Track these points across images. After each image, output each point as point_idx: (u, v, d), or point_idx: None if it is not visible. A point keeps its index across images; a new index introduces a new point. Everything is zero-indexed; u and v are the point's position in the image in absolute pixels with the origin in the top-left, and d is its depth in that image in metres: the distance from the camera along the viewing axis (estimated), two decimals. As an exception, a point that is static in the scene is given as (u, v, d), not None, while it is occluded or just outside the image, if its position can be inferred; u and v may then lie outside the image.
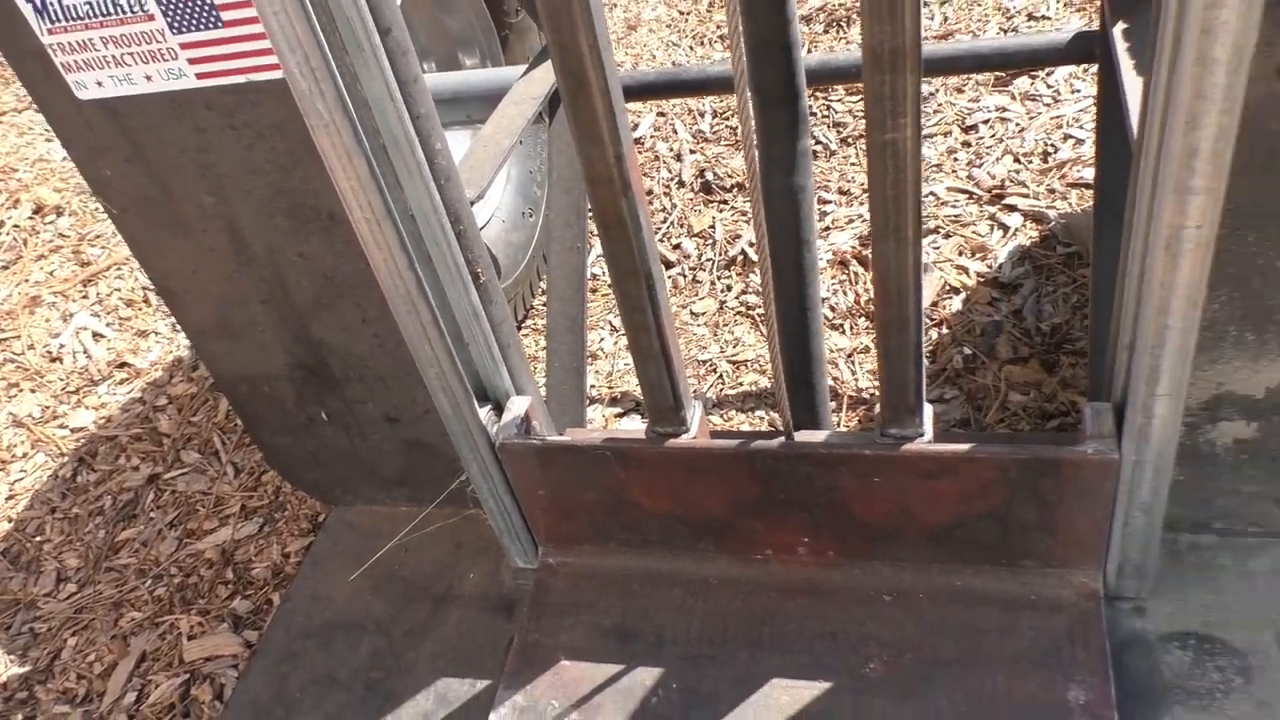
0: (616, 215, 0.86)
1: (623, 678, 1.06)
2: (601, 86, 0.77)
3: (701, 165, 2.06)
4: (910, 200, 0.77)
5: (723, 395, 1.54)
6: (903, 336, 0.88)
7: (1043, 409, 1.35)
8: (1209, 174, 0.70)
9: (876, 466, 0.98)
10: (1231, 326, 0.89)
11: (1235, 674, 0.96)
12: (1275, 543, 1.05)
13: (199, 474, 1.66)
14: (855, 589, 1.08)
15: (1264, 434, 0.97)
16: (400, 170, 0.93)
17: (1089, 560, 1.01)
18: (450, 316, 1.03)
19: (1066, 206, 1.68)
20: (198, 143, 1.03)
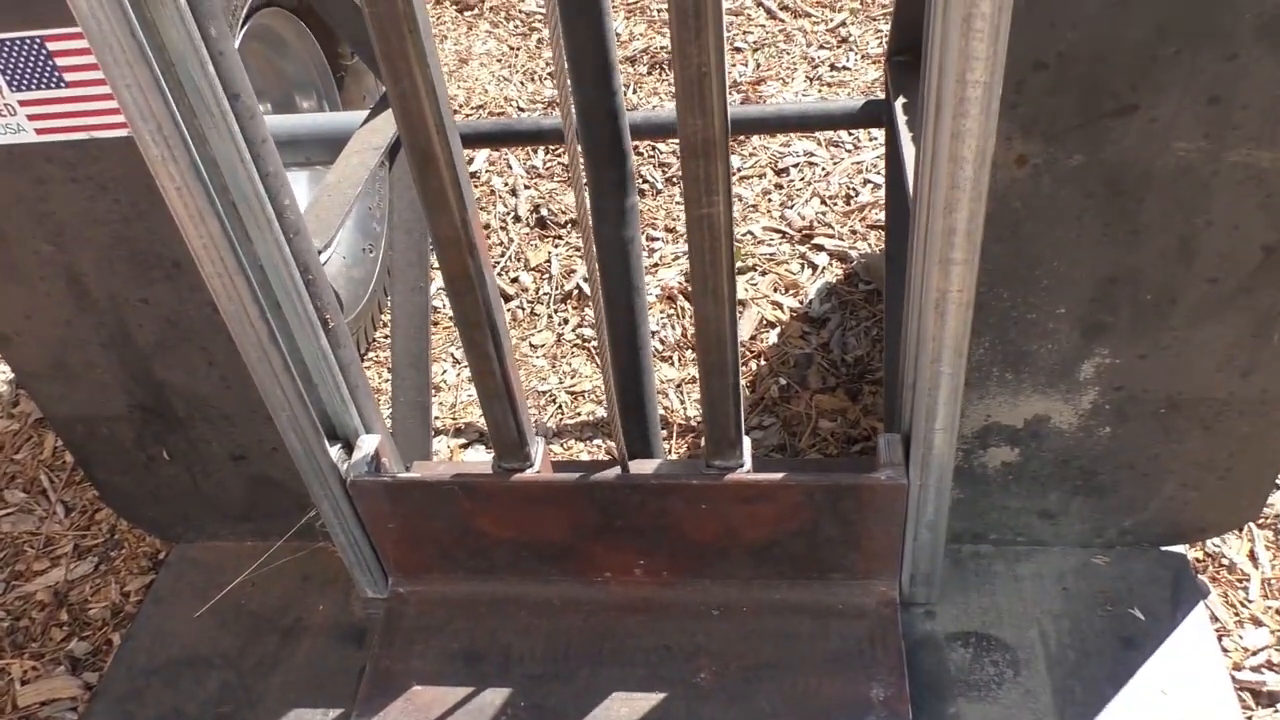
0: (463, 273, 0.93)
1: (473, 699, 1.13)
2: (448, 160, 0.84)
3: (536, 200, 2.14)
4: (725, 264, 0.88)
5: (562, 425, 1.62)
6: (722, 380, 0.99)
7: (848, 434, 1.50)
8: (965, 248, 0.83)
9: (703, 494, 1.08)
10: (995, 368, 1.04)
11: (1007, 667, 1.12)
12: (1039, 550, 1.22)
13: (25, 514, 1.60)
14: (687, 605, 1.18)
15: (1025, 457, 1.13)
16: (250, 226, 0.97)
17: (886, 571, 1.15)
18: (300, 361, 1.08)
19: (866, 247, 1.86)
20: (36, 193, 1.04)
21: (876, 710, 1.08)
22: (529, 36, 2.86)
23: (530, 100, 2.57)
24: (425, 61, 0.78)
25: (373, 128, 1.36)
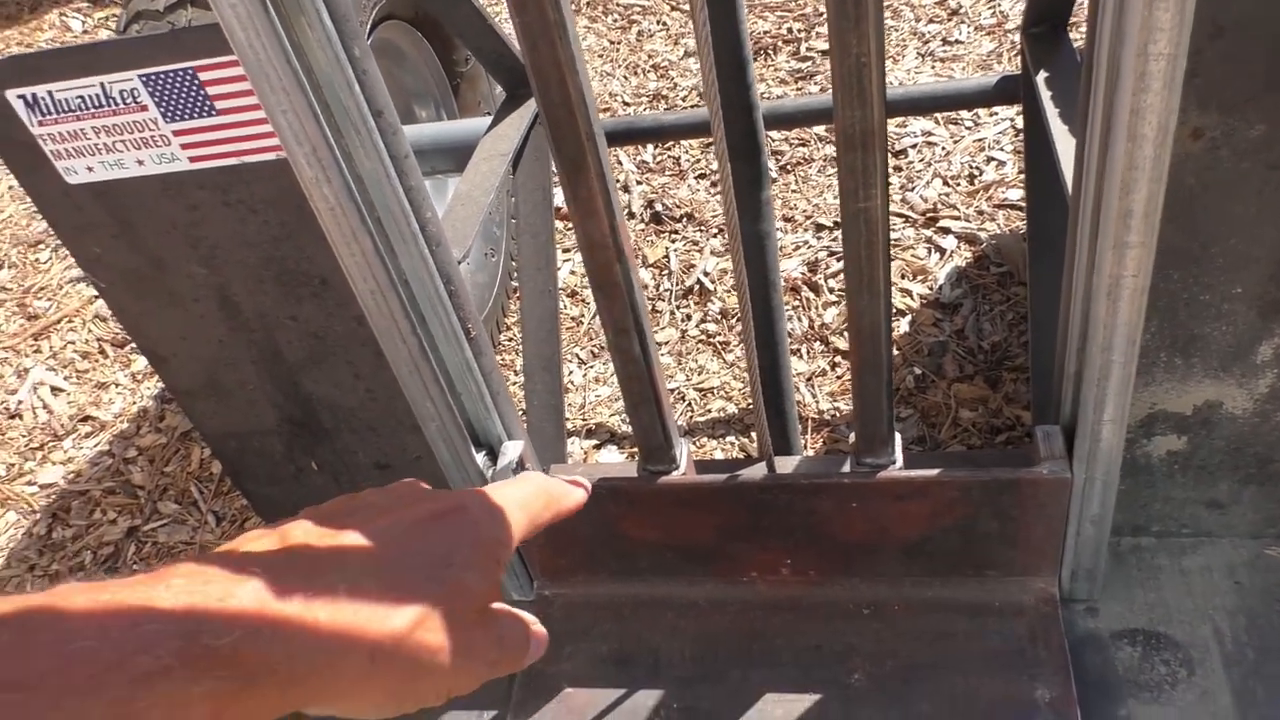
0: (611, 279, 0.93)
1: (625, 701, 1.13)
2: (598, 170, 0.84)
3: (649, 196, 2.14)
4: (880, 259, 0.86)
5: (693, 422, 1.62)
6: (876, 377, 0.96)
7: (990, 424, 1.45)
8: (1142, 230, 0.79)
9: (854, 493, 1.06)
10: (1162, 353, 0.99)
11: (1180, 666, 1.07)
12: (1206, 542, 1.16)
13: (179, 524, 1.67)
14: (836, 604, 1.16)
15: (1193, 446, 1.07)
16: (396, 241, 0.99)
17: (1046, 567, 1.10)
18: (446, 372, 1.09)
19: (995, 227, 1.80)
20: (190, 218, 1.07)
21: (1043, 712, 1.04)
22: (628, 30, 2.86)
23: (634, 95, 2.56)
24: (575, 69, 0.78)
25: (498, 134, 1.37)
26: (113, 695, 0.40)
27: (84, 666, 0.39)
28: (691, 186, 2.13)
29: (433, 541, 0.58)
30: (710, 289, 1.84)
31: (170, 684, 0.41)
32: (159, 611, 0.43)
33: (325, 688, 0.49)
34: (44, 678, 0.38)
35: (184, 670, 0.42)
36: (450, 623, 0.55)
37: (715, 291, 1.84)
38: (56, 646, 0.39)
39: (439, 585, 0.55)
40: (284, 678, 0.46)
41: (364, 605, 0.51)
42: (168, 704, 0.41)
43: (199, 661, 0.42)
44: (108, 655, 0.40)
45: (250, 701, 0.45)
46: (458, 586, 0.57)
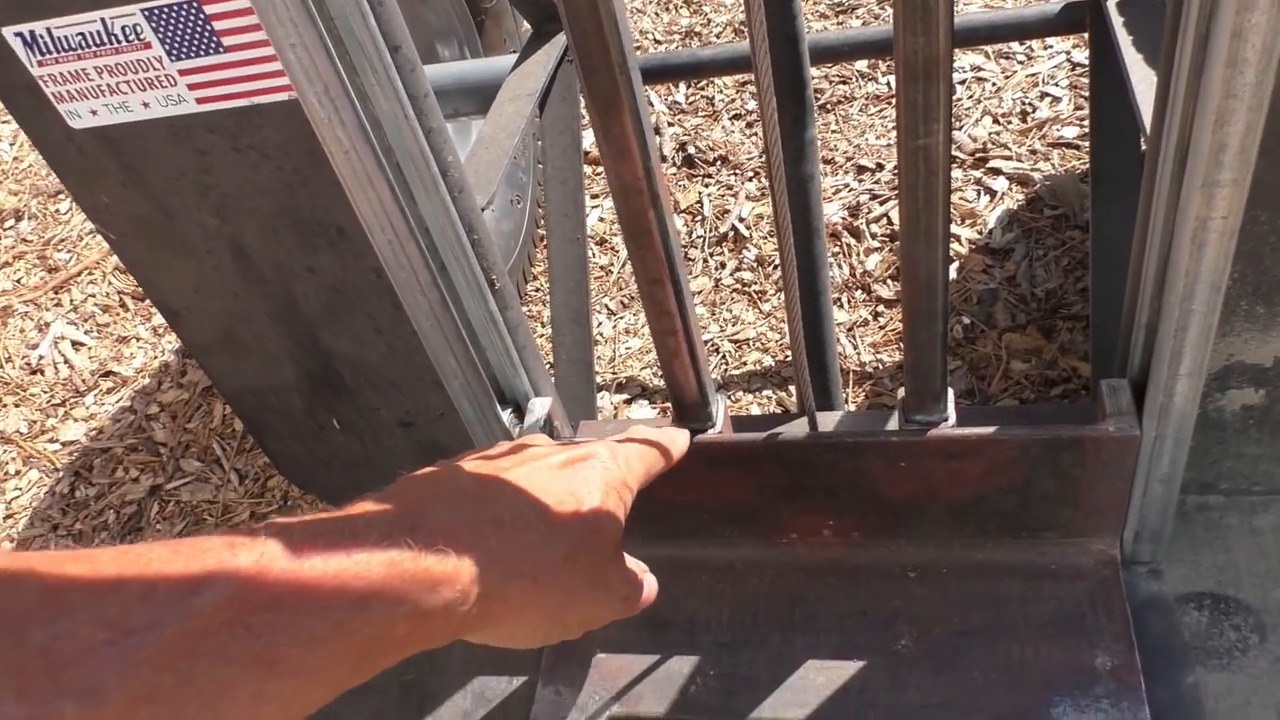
0: (644, 226, 0.86)
1: (660, 667, 1.09)
2: (632, 107, 0.77)
3: (681, 138, 2.06)
4: (940, 202, 0.79)
5: (728, 376, 1.56)
6: (931, 329, 0.90)
7: (1045, 376, 1.38)
8: (1236, 167, 0.72)
9: (902, 451, 1.00)
10: (1243, 301, 0.92)
11: (1251, 631, 1.00)
12: (1278, 500, 1.09)
13: (202, 482, 1.64)
14: (880, 567, 1.10)
15: (1271, 399, 1.00)
16: (415, 187, 0.93)
17: (1108, 529, 1.04)
18: (469, 325, 1.03)
19: (1049, 168, 1.70)
20: (199, 165, 1.02)
21: (1104, 680, 0.98)
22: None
23: (666, 32, 2.46)
24: (607, -3, 0.70)
25: (524, 73, 1.30)
26: (335, 616, 0.46)
27: (313, 590, 0.46)
28: (726, 128, 2.05)
29: (574, 482, 0.65)
30: (746, 235, 1.76)
31: (379, 604, 0.48)
32: (363, 542, 0.49)
33: (494, 609, 0.55)
34: (283, 600, 0.45)
35: (389, 593, 0.48)
36: (594, 558, 0.64)
37: (751, 238, 1.76)
38: (291, 573, 0.45)
39: (582, 523, 0.63)
40: (465, 598, 0.53)
41: (525, 536, 0.58)
42: (377, 621, 0.48)
43: (400, 587, 0.49)
44: (330, 581, 0.46)
45: (440, 619, 0.52)
46: (596, 525, 0.64)
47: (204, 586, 0.43)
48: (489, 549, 0.55)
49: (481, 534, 0.55)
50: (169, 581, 0.43)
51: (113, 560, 0.43)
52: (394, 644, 0.50)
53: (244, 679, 0.43)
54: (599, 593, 0.65)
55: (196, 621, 0.42)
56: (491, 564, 0.55)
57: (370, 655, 0.49)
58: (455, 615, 0.53)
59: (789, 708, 1.02)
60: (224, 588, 0.43)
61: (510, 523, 0.58)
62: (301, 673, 0.45)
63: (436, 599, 0.51)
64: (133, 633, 0.41)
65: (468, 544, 0.54)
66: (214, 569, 0.44)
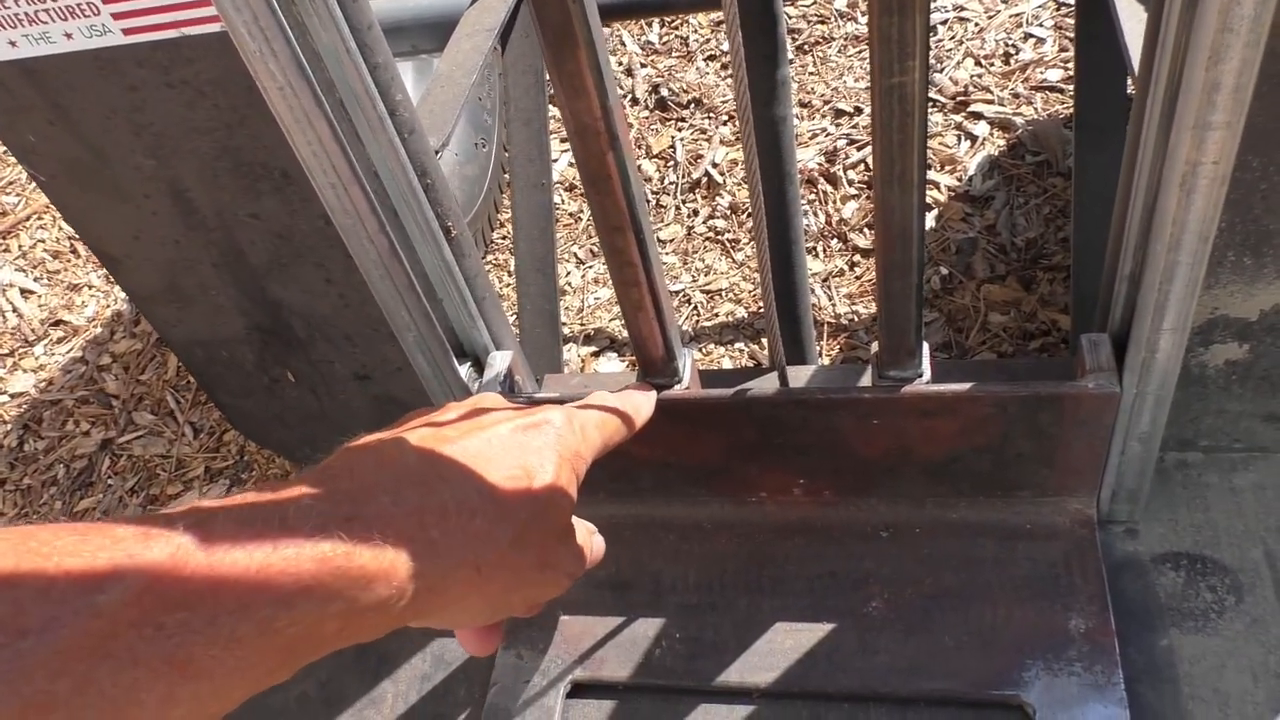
0: (603, 170, 0.81)
1: (624, 630, 1.05)
2: (586, 39, 0.72)
3: (654, 80, 1.99)
4: (916, 145, 0.74)
5: (699, 328, 1.51)
6: (905, 280, 0.86)
7: (1024, 329, 1.34)
8: (1230, 108, 0.67)
9: (875, 409, 0.96)
10: (1230, 251, 0.88)
11: (1228, 593, 0.98)
12: (1260, 458, 1.06)
13: (155, 436, 1.59)
14: (852, 526, 1.07)
15: (1255, 355, 0.97)
16: (361, 127, 0.87)
17: (1084, 488, 1.01)
18: (423, 275, 0.98)
19: (1032, 112, 1.65)
20: (130, 102, 0.95)
21: (1077, 643, 0.96)
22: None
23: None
24: (555, -85, 0.64)
25: (483, 6, 1.23)
26: (259, 615, 0.43)
27: (235, 588, 0.42)
28: (700, 69, 1.98)
29: (525, 455, 0.62)
30: (719, 182, 1.71)
31: (309, 603, 0.45)
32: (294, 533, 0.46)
33: (436, 601, 0.53)
34: (201, 598, 0.41)
35: (320, 590, 0.45)
36: (543, 539, 0.61)
37: (725, 185, 1.71)
38: (210, 569, 0.42)
39: (532, 502, 0.60)
40: (402, 594, 0.50)
41: (471, 523, 0.55)
42: (306, 621, 0.45)
43: (333, 583, 0.46)
44: (255, 578, 0.43)
45: (374, 616, 0.49)
46: (547, 504, 0.61)
47: (110, 582, 0.39)
48: (430, 540, 0.52)
49: (424, 524, 0.52)
50: (70, 576, 0.39)
51: (10, 550, 0.39)
52: (323, 642, 0.47)
53: (152, 682, 0.40)
54: (546, 573, 0.63)
55: (99, 621, 0.38)
56: (433, 556, 0.52)
57: (295, 653, 0.46)
58: (391, 610, 0.50)
59: (756, 672, 0.99)
60: (133, 583, 0.40)
61: (455, 509, 0.55)
62: (218, 673, 0.42)
63: (371, 596, 0.48)
64: (25, 634, 0.37)
65: (408, 536, 0.51)
66: (122, 562, 0.40)
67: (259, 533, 0.44)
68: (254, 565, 0.43)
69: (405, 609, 0.51)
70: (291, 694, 1.12)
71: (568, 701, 1.02)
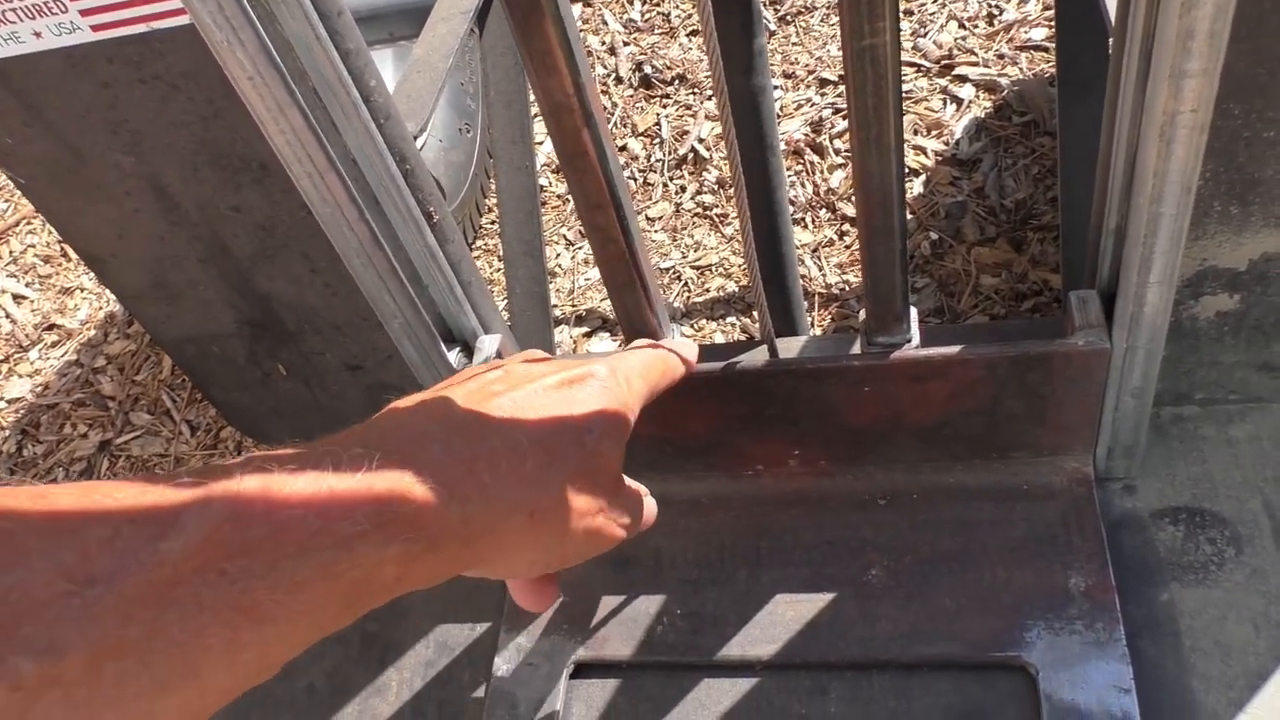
0: (579, 147, 0.81)
1: (625, 607, 1.06)
2: (554, 14, 0.71)
3: (638, 58, 1.97)
4: (891, 108, 0.73)
5: (690, 303, 1.50)
6: (888, 245, 0.85)
7: (1015, 290, 1.33)
8: (1205, 55, 0.66)
9: (865, 376, 0.96)
10: (1216, 201, 0.87)
11: (1227, 544, 0.98)
12: (1255, 409, 1.06)
13: (153, 435, 1.59)
14: (848, 495, 1.07)
15: (1246, 305, 0.96)
16: (336, 115, 0.86)
17: (1079, 446, 1.01)
18: (407, 262, 0.98)
19: (1018, 72, 1.64)
20: (104, 99, 0.95)
21: (1077, 601, 0.96)
22: None
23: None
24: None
25: (457, -10, 1.22)
26: (319, 559, 0.43)
27: (294, 533, 0.43)
28: (683, 45, 1.96)
29: (571, 405, 0.62)
30: (706, 157, 1.70)
31: (367, 547, 0.45)
32: (350, 479, 0.46)
33: (491, 546, 0.53)
34: (261, 544, 0.42)
35: (378, 534, 0.45)
36: (594, 487, 0.61)
37: (711, 160, 1.70)
38: (269, 515, 0.42)
39: (582, 450, 0.60)
40: (460, 538, 0.50)
41: (522, 468, 0.55)
42: (365, 564, 0.45)
43: (389, 526, 0.46)
44: (313, 522, 0.44)
45: (431, 561, 0.49)
46: (596, 453, 0.61)
47: (174, 530, 0.40)
48: (483, 485, 0.52)
49: (475, 469, 0.52)
50: (135, 524, 0.39)
51: (75, 499, 0.40)
52: (383, 587, 0.47)
53: (218, 627, 0.40)
54: (601, 520, 0.62)
55: (165, 568, 0.39)
56: (485, 502, 0.52)
57: (357, 598, 0.46)
58: (447, 556, 0.50)
59: (757, 644, 0.99)
60: (196, 530, 0.40)
61: (505, 454, 0.55)
62: (282, 619, 0.42)
63: (427, 538, 0.48)
64: (94, 582, 0.38)
65: (460, 481, 0.51)
66: (184, 509, 0.41)
67: (316, 480, 0.45)
68: (312, 511, 0.44)
69: (461, 553, 0.51)
70: (299, 685, 1.12)
71: (571, 681, 1.02)
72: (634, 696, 1.00)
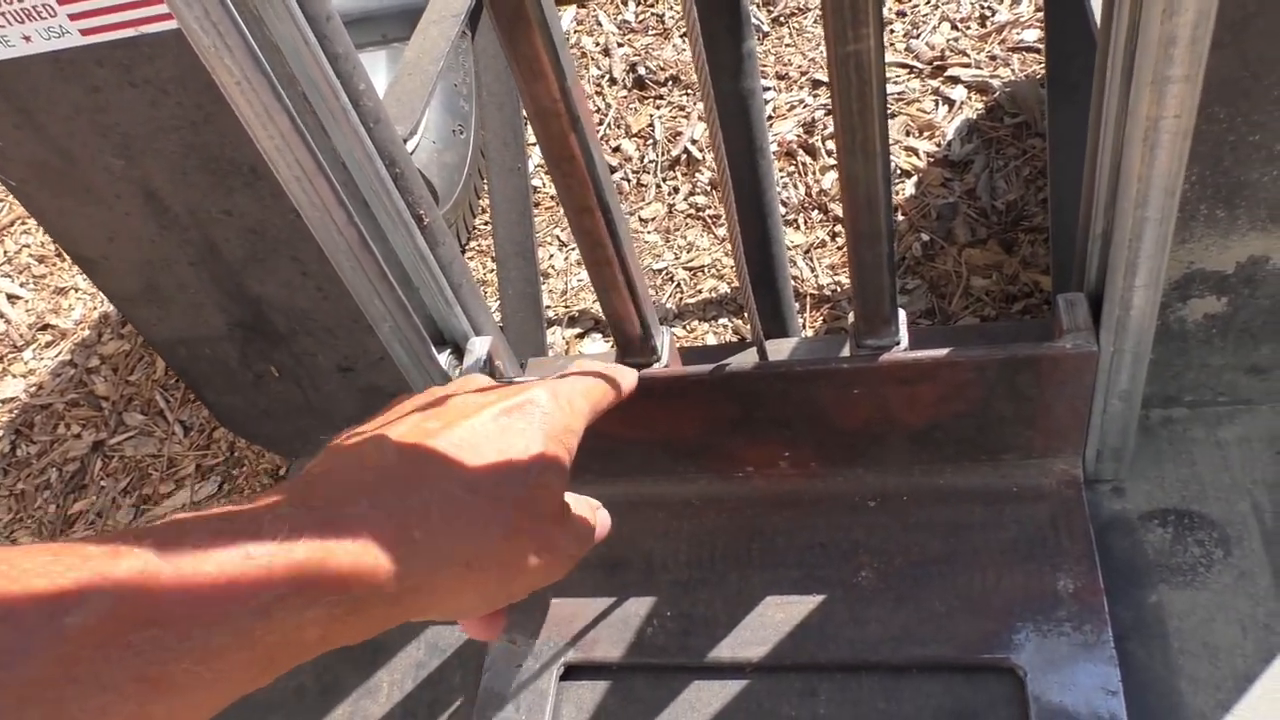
0: (567, 151, 0.81)
1: (616, 610, 1.06)
2: (540, 20, 0.71)
3: (631, 59, 1.97)
4: (876, 113, 0.74)
5: (683, 305, 1.51)
6: (875, 249, 0.85)
7: (1006, 291, 1.34)
8: (1187, 62, 0.67)
9: (854, 379, 0.96)
10: (1202, 205, 0.87)
11: (1215, 546, 0.98)
12: (1244, 411, 1.06)
13: (146, 436, 1.59)
14: (840, 497, 1.07)
15: (1234, 307, 0.96)
16: (325, 118, 0.86)
17: (1068, 448, 1.01)
18: (397, 265, 0.98)
19: (1009, 73, 1.64)
20: (94, 103, 0.95)
21: (1066, 603, 0.96)
22: None
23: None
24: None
25: (448, -8, 1.22)
26: (235, 626, 0.42)
27: (206, 600, 0.41)
28: (677, 46, 1.96)
29: (510, 439, 0.60)
30: (698, 158, 1.70)
31: (286, 612, 0.44)
32: (268, 541, 0.45)
33: (423, 600, 0.51)
34: (172, 614, 0.40)
35: (297, 599, 0.44)
36: (535, 524, 0.59)
37: (704, 161, 1.70)
38: (181, 585, 0.41)
39: (522, 488, 0.58)
40: (387, 597, 0.49)
41: (457, 520, 0.54)
42: (283, 629, 0.44)
43: (309, 590, 0.45)
44: (225, 587, 0.42)
45: (357, 621, 0.48)
46: (538, 486, 0.59)
47: (76, 603, 0.39)
48: (412, 541, 0.50)
49: (405, 525, 0.51)
50: (37, 600, 0.38)
51: None
52: (304, 648, 0.46)
53: (121, 703, 0.39)
54: (545, 556, 0.60)
55: (66, 646, 0.38)
56: (414, 556, 0.50)
57: (276, 661, 0.45)
58: (374, 615, 0.49)
59: (748, 646, 1.00)
60: (99, 604, 0.39)
61: (438, 507, 0.53)
62: (195, 687, 0.41)
63: (350, 600, 0.47)
64: None
65: (388, 537, 0.49)
66: (89, 581, 0.39)
67: (231, 541, 0.43)
68: (225, 575, 0.42)
69: (390, 610, 0.50)
70: (289, 686, 1.13)
71: (561, 684, 1.02)
72: (624, 698, 1.00)
